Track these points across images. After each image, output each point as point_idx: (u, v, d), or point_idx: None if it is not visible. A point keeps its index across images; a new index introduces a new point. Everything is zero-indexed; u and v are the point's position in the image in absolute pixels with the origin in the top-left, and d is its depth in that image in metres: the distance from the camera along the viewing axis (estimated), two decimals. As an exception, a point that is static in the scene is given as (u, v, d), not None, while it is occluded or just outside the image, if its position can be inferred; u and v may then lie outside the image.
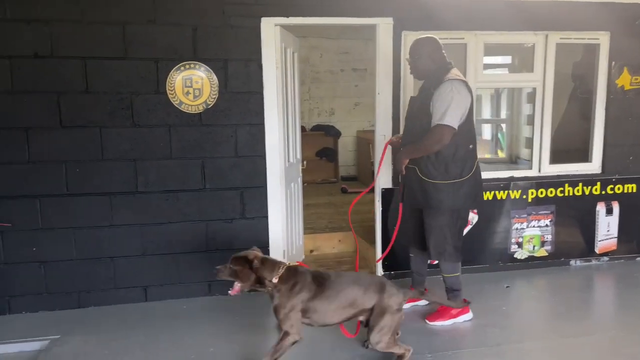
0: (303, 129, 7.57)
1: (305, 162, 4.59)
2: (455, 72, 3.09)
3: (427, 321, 3.30)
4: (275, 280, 2.62)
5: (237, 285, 2.64)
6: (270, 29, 3.65)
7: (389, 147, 3.71)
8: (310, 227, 5.04)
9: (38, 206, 3.47)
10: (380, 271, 4.07)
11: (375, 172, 3.82)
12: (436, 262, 3.33)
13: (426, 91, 3.12)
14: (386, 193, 3.98)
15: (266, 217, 3.85)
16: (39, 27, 3.33)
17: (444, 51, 3.18)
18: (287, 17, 3.66)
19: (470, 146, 3.14)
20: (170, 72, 3.54)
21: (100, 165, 3.53)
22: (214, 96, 3.63)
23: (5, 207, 3.42)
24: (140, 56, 3.50)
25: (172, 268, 3.74)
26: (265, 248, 3.87)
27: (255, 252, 2.68)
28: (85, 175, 3.52)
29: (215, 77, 3.61)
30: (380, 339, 2.66)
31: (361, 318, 2.76)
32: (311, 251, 4.83)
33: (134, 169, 3.60)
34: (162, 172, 3.65)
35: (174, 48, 3.53)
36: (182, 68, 3.56)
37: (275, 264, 2.69)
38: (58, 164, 3.47)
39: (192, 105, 3.62)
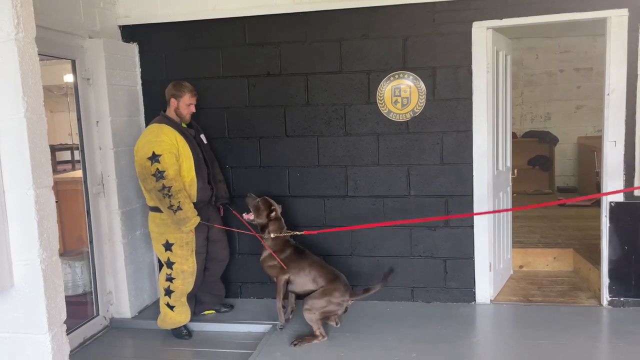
0: (514, 135, 7.11)
1: (515, 171, 4.31)
2: None
3: None
4: (272, 235, 3.35)
5: (251, 216, 3.45)
6: (482, 33, 3.54)
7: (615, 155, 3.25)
8: (519, 241, 4.71)
9: (265, 205, 3.97)
10: (606, 296, 3.58)
11: (602, 182, 3.39)
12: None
13: None
14: (616, 207, 3.48)
15: (472, 226, 3.74)
16: (270, 49, 3.82)
17: None
18: (501, 19, 3.50)
19: None
20: (381, 83, 3.70)
21: (316, 171, 3.88)
22: (421, 104, 3.67)
23: (242, 204, 3.99)
24: (354, 69, 3.74)
25: (378, 270, 3.88)
26: (470, 259, 3.76)
27: (278, 208, 3.43)
28: (304, 179, 3.90)
29: (423, 85, 3.65)
30: (311, 307, 3.19)
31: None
32: (520, 266, 4.51)
33: (344, 175, 3.85)
34: (370, 178, 3.83)
35: (385, 59, 3.69)
36: (392, 78, 3.68)
37: (282, 228, 3.41)
38: (282, 169, 3.92)
39: (399, 114, 3.72)
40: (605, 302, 3.59)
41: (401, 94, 3.69)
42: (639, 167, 3.42)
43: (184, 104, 3.42)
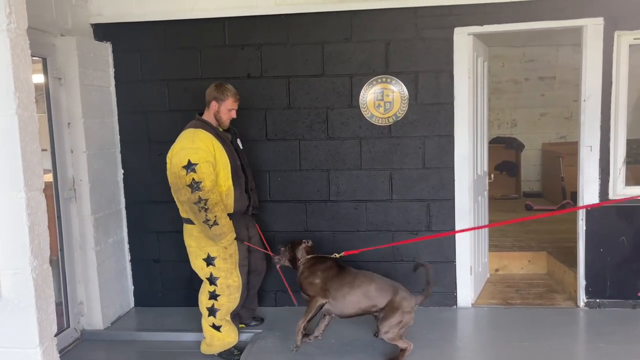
0: (483, 141, 7.24)
1: (492, 175, 4.38)
2: None
3: None
4: (302, 259, 3.20)
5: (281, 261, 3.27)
6: (463, 39, 3.58)
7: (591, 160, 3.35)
8: (494, 245, 4.78)
9: (245, 210, 3.87)
10: (583, 297, 3.67)
11: (579, 186, 3.48)
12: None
13: None
14: (592, 211, 3.58)
15: (453, 230, 3.76)
16: (251, 51, 3.75)
17: None
18: (482, 25, 3.56)
19: None
20: (363, 87, 3.69)
21: (298, 175, 3.82)
22: (403, 108, 3.68)
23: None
24: (336, 73, 3.71)
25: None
26: (451, 262, 3.78)
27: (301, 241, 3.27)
28: (285, 183, 3.83)
29: (405, 90, 3.66)
30: (388, 329, 2.97)
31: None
32: (496, 270, 4.58)
33: (326, 179, 3.81)
34: (352, 183, 3.80)
35: (367, 63, 3.67)
36: (375, 82, 3.68)
37: (312, 251, 3.25)
38: (263, 173, 3.84)
39: (382, 118, 3.71)
40: (582, 304, 3.68)
41: (384, 98, 3.69)
42: (613, 171, 3.54)
43: (226, 109, 3.14)
